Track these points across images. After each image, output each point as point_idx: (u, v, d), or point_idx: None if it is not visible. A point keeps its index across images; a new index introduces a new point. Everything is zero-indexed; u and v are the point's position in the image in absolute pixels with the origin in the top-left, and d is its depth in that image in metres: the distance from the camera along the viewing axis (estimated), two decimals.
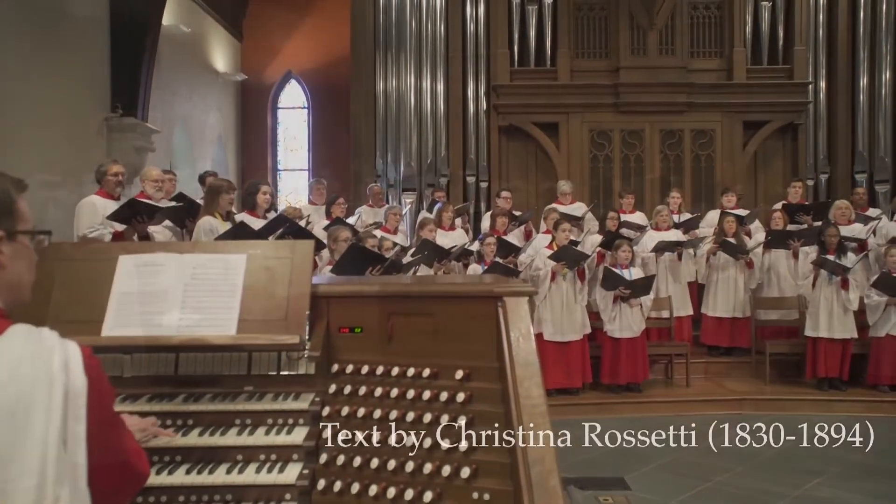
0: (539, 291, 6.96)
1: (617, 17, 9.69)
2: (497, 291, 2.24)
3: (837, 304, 6.95)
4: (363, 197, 9.25)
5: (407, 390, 2.21)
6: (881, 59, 9.91)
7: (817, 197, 9.92)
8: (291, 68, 11.90)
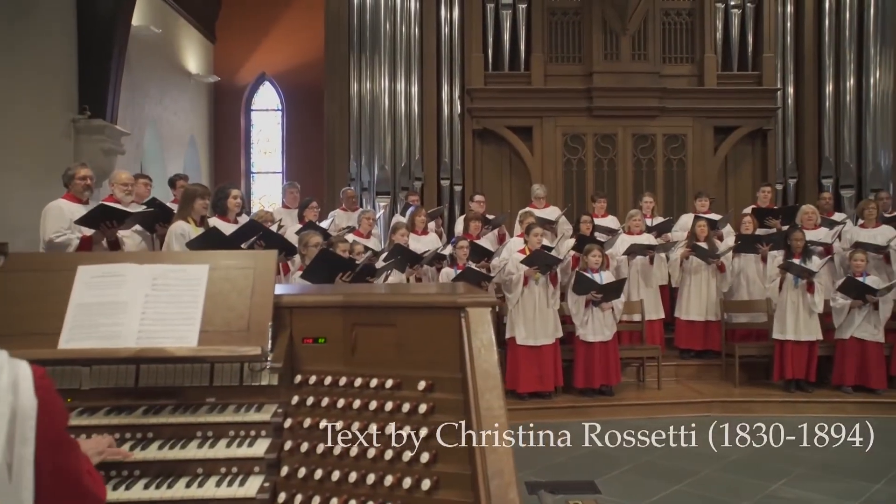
0: (512, 296, 7.00)
1: (590, 23, 9.77)
2: (460, 302, 2.24)
3: (803, 306, 7.07)
4: (337, 200, 9.21)
5: (369, 401, 2.21)
6: (845, 66, 10.10)
7: (786, 201, 10.08)
8: (265, 70, 11.82)
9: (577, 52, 9.90)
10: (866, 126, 10.03)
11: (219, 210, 6.58)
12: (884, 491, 4.80)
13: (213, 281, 2.39)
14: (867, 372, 6.98)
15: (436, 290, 2.82)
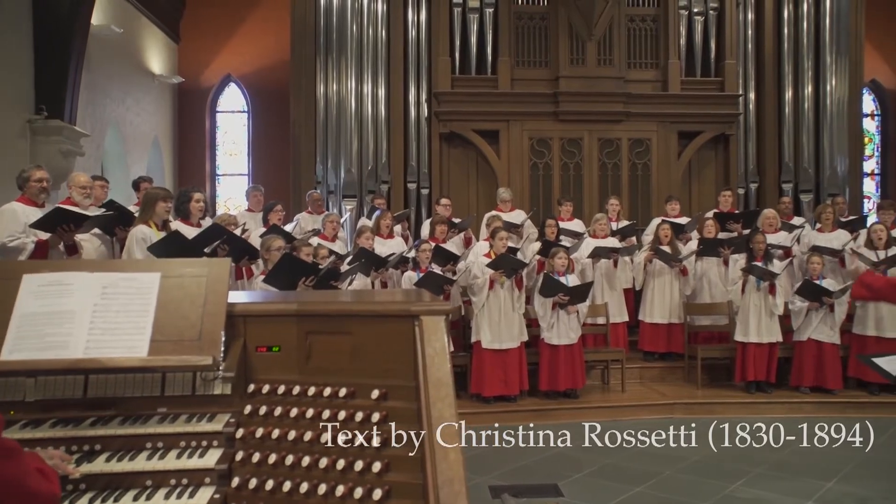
0: (477, 299, 7.01)
1: (557, 28, 9.84)
2: (414, 310, 2.24)
3: (765, 309, 7.20)
4: (303, 203, 9.15)
5: (323, 410, 2.20)
6: (803, 74, 10.33)
7: (747, 205, 10.26)
8: (231, 71, 11.68)
9: (543, 56, 9.97)
10: (823, 132, 10.26)
11: (182, 214, 6.51)
12: (835, 489, 4.90)
13: (165, 289, 2.36)
14: (824, 373, 7.13)
15: (391, 297, 2.82)
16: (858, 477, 5.13)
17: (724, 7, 10.13)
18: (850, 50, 10.31)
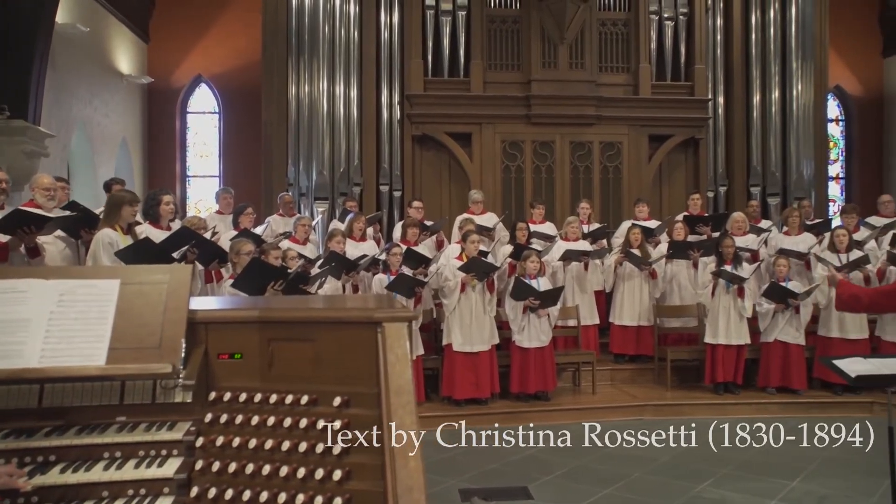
0: (449, 302, 7.02)
1: (529, 31, 9.89)
2: (377, 317, 2.23)
3: (734, 311, 7.30)
4: (275, 206, 9.08)
5: (284, 418, 2.18)
6: (770, 79, 10.50)
7: (717, 208, 10.40)
8: (201, 72, 11.55)
9: (515, 59, 10.01)
10: (790, 136, 10.45)
11: (150, 217, 6.42)
12: (798, 489, 4.99)
13: (125, 296, 2.32)
14: (790, 373, 7.26)
15: (354, 304, 2.80)
16: (820, 476, 5.23)
17: (694, 13, 10.25)
18: (814, 56, 10.51)
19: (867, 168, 12.49)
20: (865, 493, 4.86)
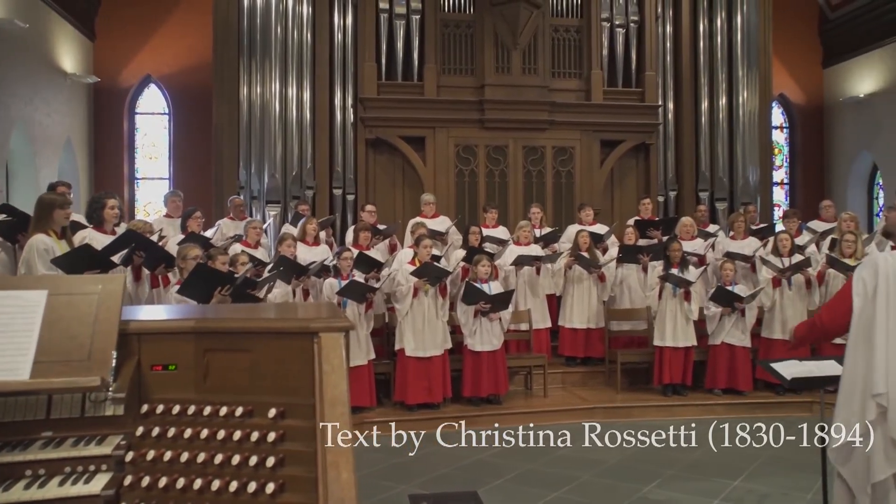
0: (401, 307, 7.00)
1: (482, 36, 9.94)
2: (313, 327, 2.21)
3: (680, 314, 7.44)
4: (226, 209, 8.93)
5: (218, 431, 2.15)
6: (718, 86, 10.75)
7: (667, 213, 10.60)
8: (150, 72, 11.29)
9: (469, 64, 10.05)
10: (736, 143, 10.70)
11: (94, 221, 6.26)
12: (740, 487, 5.11)
13: (53, 307, 2.25)
14: (735, 375, 7.44)
15: (292, 313, 2.77)
16: (762, 474, 5.37)
17: (644, 20, 10.44)
18: (759, 65, 10.80)
19: (810, 174, 12.89)
20: (804, 489, 5.01)
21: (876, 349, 2.72)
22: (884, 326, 2.73)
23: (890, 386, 2.68)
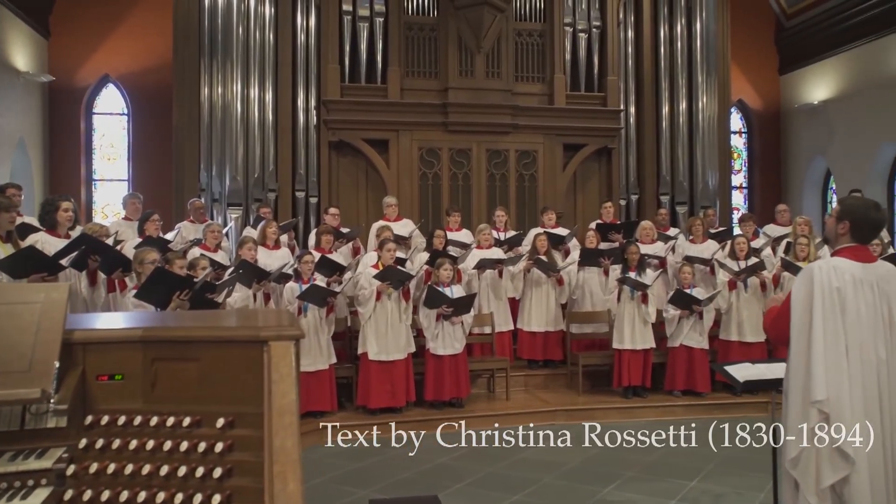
0: (364, 311, 6.97)
1: (446, 39, 9.95)
2: (263, 336, 2.18)
3: (638, 317, 7.54)
4: (186, 211, 8.79)
5: (164, 441, 2.11)
6: (678, 91, 10.92)
7: (628, 216, 10.73)
8: (109, 71, 11.04)
9: (433, 67, 10.05)
10: (696, 147, 10.88)
11: (47, 224, 6.12)
12: (696, 488, 5.20)
13: None
14: (694, 377, 7.56)
15: (242, 321, 2.74)
16: (717, 474, 5.47)
17: (607, 26, 10.56)
18: (718, 71, 11.00)
19: (767, 178, 13.17)
20: (757, 489, 5.11)
21: (814, 357, 2.80)
22: (821, 335, 2.80)
23: (830, 392, 2.76)
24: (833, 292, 2.83)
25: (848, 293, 2.82)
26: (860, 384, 2.76)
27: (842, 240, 3.01)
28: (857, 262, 2.90)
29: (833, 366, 2.77)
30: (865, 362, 2.78)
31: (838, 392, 2.75)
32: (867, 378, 2.77)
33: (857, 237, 2.96)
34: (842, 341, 2.79)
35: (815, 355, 2.80)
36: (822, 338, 2.79)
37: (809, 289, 2.88)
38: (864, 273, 2.87)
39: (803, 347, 2.85)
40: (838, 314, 2.81)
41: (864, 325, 2.80)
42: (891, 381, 2.77)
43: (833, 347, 2.78)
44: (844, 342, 2.79)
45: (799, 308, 2.90)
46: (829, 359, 2.77)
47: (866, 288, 2.84)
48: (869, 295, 2.84)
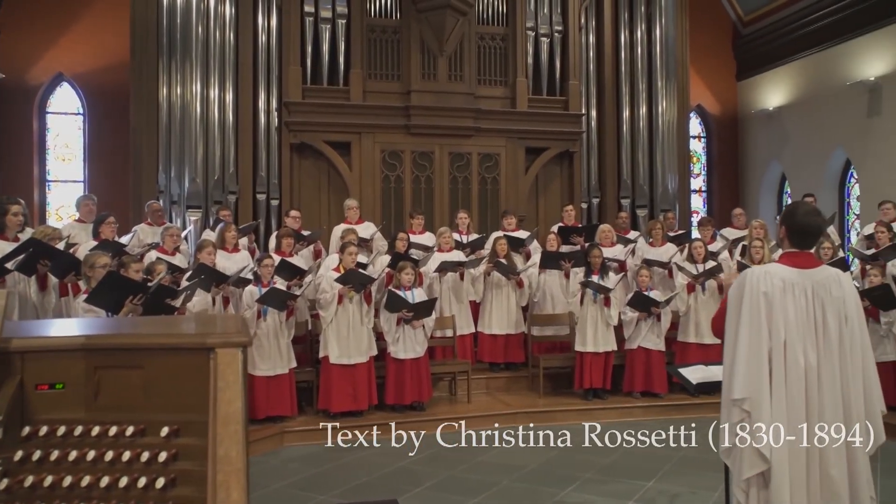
0: (326, 314, 6.92)
1: (409, 42, 9.94)
2: (209, 343, 2.15)
3: (601, 320, 7.62)
4: (144, 214, 8.62)
5: (106, 451, 2.06)
6: (638, 95, 11.07)
7: (590, 220, 10.83)
8: (63, 70, 10.79)
9: (395, 69, 10.03)
10: (656, 151, 11.03)
11: None
12: (653, 488, 5.26)
13: None
14: (652, 378, 7.66)
15: (189, 328, 2.69)
16: (674, 475, 5.54)
17: (568, 30, 10.65)
18: (677, 76, 11.18)
19: (726, 182, 13.43)
20: (711, 488, 5.19)
21: (737, 356, 2.87)
22: (745, 337, 2.87)
23: (750, 393, 2.83)
24: (759, 297, 2.89)
25: (775, 298, 2.88)
26: (783, 387, 2.83)
27: (785, 244, 3.08)
28: (795, 267, 2.96)
29: (754, 367, 2.84)
30: (791, 366, 2.84)
31: (758, 393, 2.82)
32: (793, 382, 2.83)
33: (795, 242, 3.03)
34: (764, 344, 2.86)
35: (737, 356, 2.88)
36: (746, 340, 2.87)
37: (741, 292, 2.94)
38: (799, 278, 2.93)
39: (731, 347, 2.93)
40: (763, 318, 2.87)
41: (792, 329, 2.86)
42: (821, 386, 2.83)
43: (755, 349, 2.85)
44: (768, 345, 2.86)
45: (731, 310, 2.98)
46: (751, 360, 2.85)
47: (798, 293, 2.90)
48: (801, 300, 2.90)
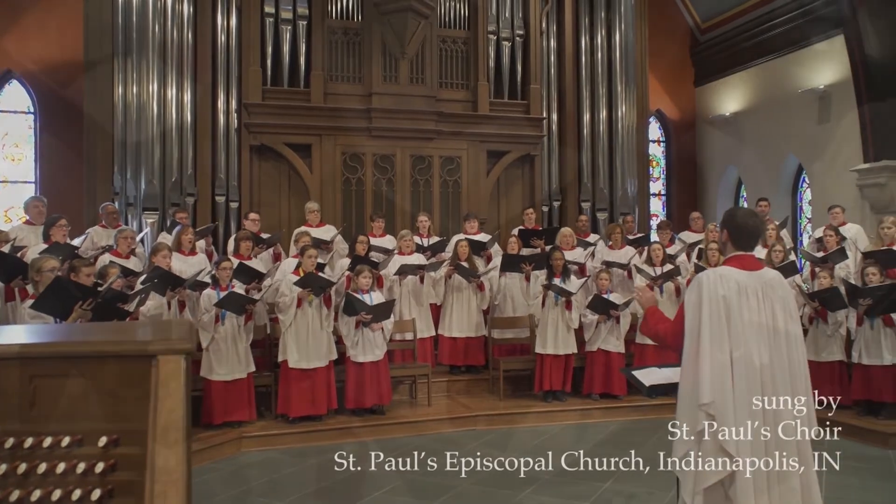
0: (285, 318, 6.85)
1: (370, 44, 9.89)
2: (151, 350, 2.10)
3: (562, 323, 7.68)
4: (98, 216, 8.42)
5: (39, 464, 1.99)
6: (599, 100, 11.18)
7: (551, 223, 10.90)
8: (11, 67, 10.48)
9: (357, 72, 9.98)
10: (616, 155, 11.16)
11: None
12: (609, 489, 5.32)
13: None
14: (611, 380, 7.74)
15: (131, 334, 2.63)
16: (630, 476, 5.56)
17: (529, 35, 10.71)
18: (636, 81, 11.32)
19: (684, 186, 13.65)
20: (667, 488, 5.23)
21: (701, 361, 2.91)
22: (707, 340, 2.92)
23: (715, 395, 2.87)
24: (719, 300, 2.94)
25: (733, 301, 2.94)
26: (745, 388, 2.88)
27: (728, 249, 3.15)
28: (743, 270, 3.03)
29: (718, 370, 2.88)
30: (749, 367, 2.90)
31: (722, 396, 2.86)
32: (751, 383, 2.89)
33: (738, 245, 3.10)
34: (727, 347, 2.91)
35: (702, 360, 2.91)
36: (709, 343, 2.91)
37: (699, 296, 2.99)
38: (750, 280, 3.00)
39: (693, 352, 2.96)
40: (724, 321, 2.92)
41: (748, 331, 2.92)
42: (774, 384, 2.90)
43: (718, 353, 2.90)
44: (729, 348, 2.91)
45: (689, 314, 3.01)
46: (715, 364, 2.89)
47: (751, 295, 2.97)
48: (753, 302, 2.96)
